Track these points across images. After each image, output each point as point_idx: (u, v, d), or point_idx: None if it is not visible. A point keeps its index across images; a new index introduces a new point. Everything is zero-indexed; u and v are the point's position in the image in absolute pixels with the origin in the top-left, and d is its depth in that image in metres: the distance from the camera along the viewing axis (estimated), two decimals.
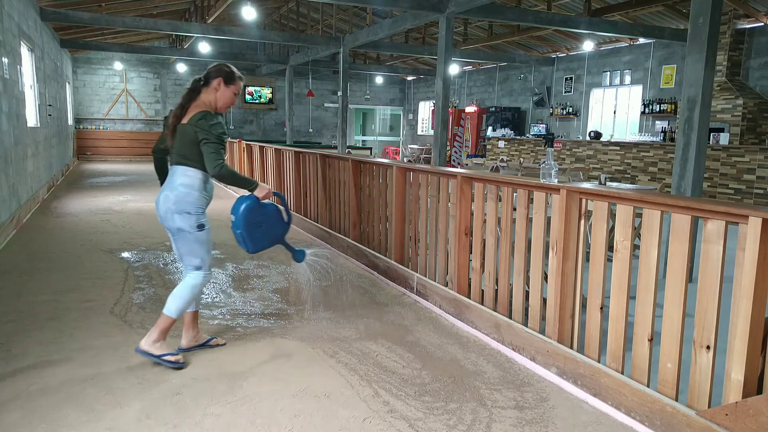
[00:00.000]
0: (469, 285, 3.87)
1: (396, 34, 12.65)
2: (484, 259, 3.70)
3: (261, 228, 3.18)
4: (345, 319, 3.89)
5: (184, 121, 2.98)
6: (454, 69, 16.07)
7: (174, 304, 3.03)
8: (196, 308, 3.29)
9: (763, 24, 10.16)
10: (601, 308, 2.80)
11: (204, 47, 15.24)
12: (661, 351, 2.49)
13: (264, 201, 3.18)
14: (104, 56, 18.57)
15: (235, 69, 3.17)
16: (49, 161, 10.43)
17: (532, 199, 3.27)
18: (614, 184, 6.51)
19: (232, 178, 3.03)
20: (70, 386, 2.79)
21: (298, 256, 3.49)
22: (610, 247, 2.88)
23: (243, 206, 3.12)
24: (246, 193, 3.17)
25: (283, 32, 16.16)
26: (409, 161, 17.01)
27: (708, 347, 2.30)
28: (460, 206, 3.86)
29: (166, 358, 3.00)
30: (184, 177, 2.99)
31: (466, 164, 12.97)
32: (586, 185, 3.37)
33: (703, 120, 4.62)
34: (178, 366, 3.00)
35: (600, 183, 5.96)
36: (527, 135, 15.31)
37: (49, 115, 10.82)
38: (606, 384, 2.71)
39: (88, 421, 2.48)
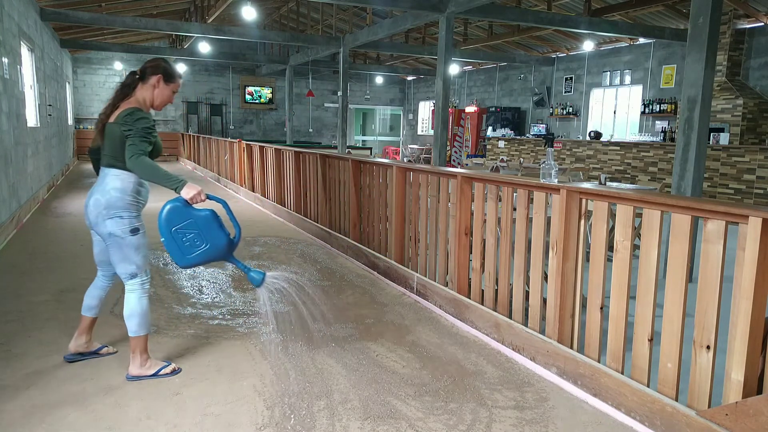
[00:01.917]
0: (469, 285, 3.87)
1: (396, 34, 12.66)
2: (484, 259, 3.70)
3: (191, 237, 2.75)
4: (345, 319, 3.89)
5: (112, 119, 2.78)
6: (454, 69, 16.07)
7: (133, 323, 2.85)
8: (96, 315, 3.07)
9: (763, 24, 10.16)
10: (601, 308, 2.80)
11: (204, 47, 15.25)
12: (661, 351, 2.49)
13: (196, 206, 2.79)
14: (104, 56, 18.58)
15: (174, 66, 3.00)
16: (49, 161, 10.43)
17: (532, 199, 3.27)
18: (614, 184, 6.51)
19: (152, 172, 2.69)
20: (70, 386, 2.79)
21: (255, 278, 3.00)
22: (610, 247, 2.88)
23: (165, 209, 2.75)
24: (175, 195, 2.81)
25: (283, 32, 16.15)
26: (409, 161, 17.01)
27: (708, 347, 2.30)
28: (460, 206, 3.86)
29: (162, 372, 2.91)
30: (116, 181, 2.77)
31: (466, 164, 12.97)
32: (586, 185, 3.37)
33: (703, 120, 4.62)
34: (177, 373, 2.96)
35: (600, 183, 5.96)
36: (527, 135, 15.31)
37: (49, 115, 10.82)
38: (606, 384, 2.71)
39: (88, 421, 2.48)
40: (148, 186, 2.91)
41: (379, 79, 22.10)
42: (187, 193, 2.73)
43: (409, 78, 22.25)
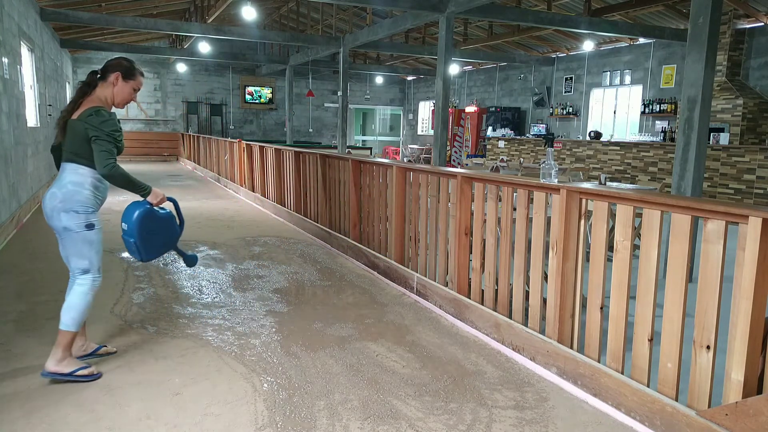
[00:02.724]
0: (469, 285, 3.87)
1: (396, 34, 12.65)
2: (484, 259, 3.70)
3: (156, 237, 3.02)
4: (345, 318, 3.89)
5: (75, 116, 2.80)
6: (454, 69, 16.07)
7: (68, 316, 2.81)
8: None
9: (763, 24, 10.16)
10: (601, 308, 2.80)
11: (204, 47, 15.25)
12: (661, 351, 2.49)
13: (157, 207, 3.03)
14: (104, 56, 18.52)
15: (136, 64, 3.02)
16: (49, 161, 10.41)
17: (532, 199, 3.27)
18: (614, 184, 6.51)
19: (124, 181, 2.83)
20: (70, 386, 2.79)
21: (190, 260, 3.38)
22: (610, 247, 2.88)
23: (136, 214, 2.95)
24: (138, 198, 2.98)
25: (283, 32, 16.15)
26: (409, 161, 17.01)
27: (708, 347, 2.30)
28: (460, 206, 3.86)
29: (78, 373, 2.81)
30: (74, 175, 2.80)
31: (466, 164, 12.97)
32: (586, 185, 3.37)
33: (703, 120, 4.63)
34: (94, 378, 2.85)
35: (600, 183, 5.96)
36: (527, 135, 15.31)
37: (49, 115, 10.82)
38: (606, 384, 2.71)
39: (88, 421, 2.48)
40: (107, 182, 2.91)
41: (379, 79, 22.10)
42: (153, 198, 2.97)
43: (409, 78, 22.25)
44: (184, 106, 19.92)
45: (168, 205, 3.14)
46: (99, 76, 2.93)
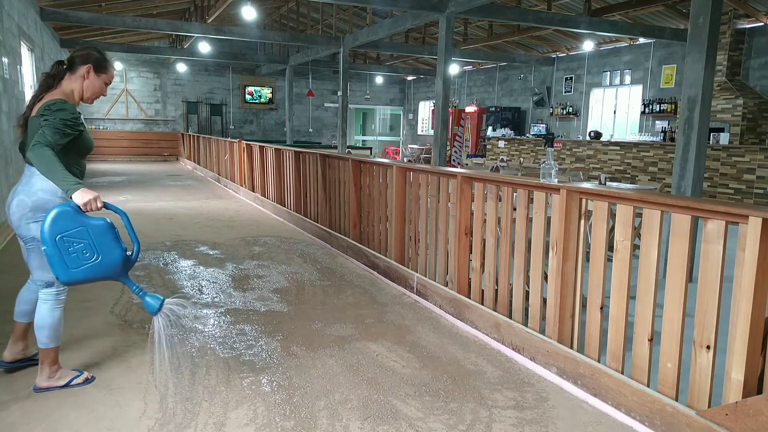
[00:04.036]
0: (469, 285, 3.87)
1: (396, 34, 12.66)
2: (484, 259, 3.70)
3: (78, 248, 2.39)
4: (345, 319, 3.89)
5: (34, 113, 2.55)
6: (454, 69, 16.07)
7: (43, 335, 2.64)
8: (30, 320, 2.81)
9: (763, 24, 10.16)
10: (601, 308, 2.80)
11: (204, 47, 15.25)
12: (661, 351, 2.49)
13: (89, 213, 2.46)
14: None
15: (107, 55, 2.78)
16: None
17: (532, 199, 3.27)
18: (614, 184, 6.51)
19: (49, 167, 2.38)
20: (70, 387, 2.79)
21: (151, 304, 2.59)
22: (610, 247, 2.88)
23: (50, 213, 2.39)
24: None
25: (283, 32, 16.16)
26: (409, 161, 17.01)
27: (708, 347, 2.30)
28: (460, 206, 3.86)
29: (73, 383, 2.74)
30: (44, 181, 2.50)
31: (466, 164, 12.97)
32: (586, 185, 3.37)
33: (703, 120, 4.63)
34: (90, 382, 2.80)
35: (600, 183, 5.96)
36: (527, 135, 15.31)
37: None
38: (606, 384, 2.71)
39: (88, 421, 2.48)
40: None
41: (379, 79, 22.10)
42: (80, 197, 2.40)
43: (409, 78, 22.25)
44: (184, 106, 19.92)
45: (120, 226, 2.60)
46: (66, 66, 2.69)
